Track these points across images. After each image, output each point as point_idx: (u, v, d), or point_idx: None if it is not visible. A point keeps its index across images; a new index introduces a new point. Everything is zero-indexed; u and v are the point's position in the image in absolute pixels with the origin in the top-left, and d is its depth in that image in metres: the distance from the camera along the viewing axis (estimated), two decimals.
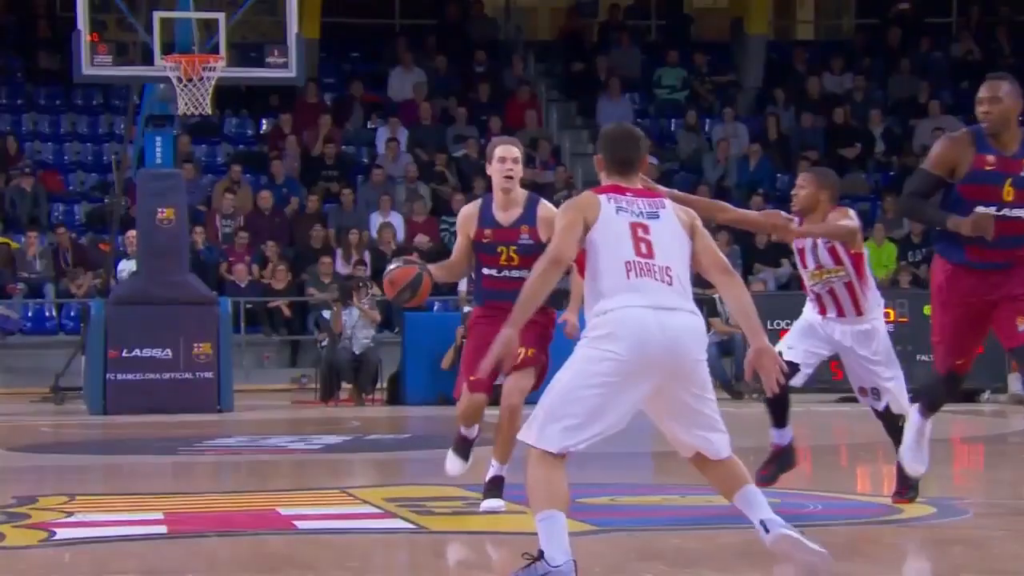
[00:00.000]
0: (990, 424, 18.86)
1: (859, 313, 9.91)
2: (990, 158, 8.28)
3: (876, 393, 10.07)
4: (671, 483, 11.70)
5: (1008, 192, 8.22)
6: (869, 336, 9.93)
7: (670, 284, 7.18)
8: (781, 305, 21.92)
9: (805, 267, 10.12)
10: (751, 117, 28.29)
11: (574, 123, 29.47)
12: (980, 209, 8.31)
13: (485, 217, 9.78)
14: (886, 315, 11.57)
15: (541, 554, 6.86)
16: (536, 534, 6.90)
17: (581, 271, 7.40)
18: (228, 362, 20.94)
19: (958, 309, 8.75)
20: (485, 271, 9.85)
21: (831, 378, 21.29)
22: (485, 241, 9.84)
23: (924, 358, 21.12)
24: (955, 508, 10.51)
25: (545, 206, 9.80)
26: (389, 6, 31.24)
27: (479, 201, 10.08)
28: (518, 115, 28.08)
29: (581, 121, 29.16)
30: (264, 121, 28.77)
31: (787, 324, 21.12)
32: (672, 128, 28.22)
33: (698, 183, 25.96)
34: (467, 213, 9.98)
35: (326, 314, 22.79)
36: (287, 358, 25.16)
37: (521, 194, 9.83)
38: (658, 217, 7.32)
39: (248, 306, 24.22)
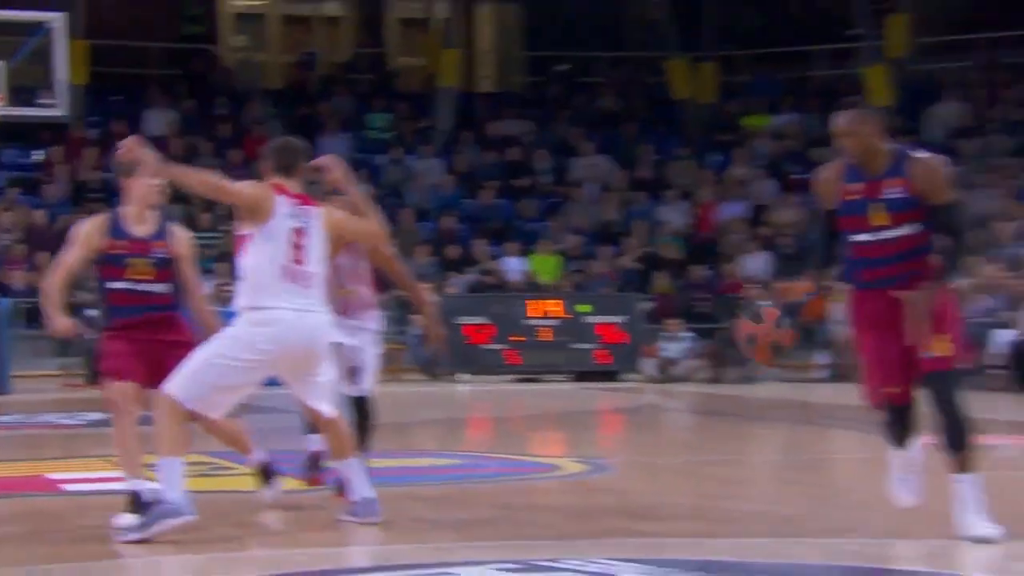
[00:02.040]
0: (628, 398, 19.24)
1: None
2: (855, 187, 6.98)
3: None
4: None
5: (875, 216, 6.92)
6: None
7: (310, 288, 7.37)
8: (469, 304, 22.32)
9: None
10: (444, 153, 28.45)
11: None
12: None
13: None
14: None
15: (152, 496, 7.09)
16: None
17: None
18: (6, 352, 20.60)
19: (871, 333, 7.07)
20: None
21: (504, 362, 21.89)
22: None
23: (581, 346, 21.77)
24: (603, 465, 10.80)
25: None
26: (146, 57, 30.87)
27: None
28: (253, 150, 27.87)
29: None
30: (39, 152, 28.35)
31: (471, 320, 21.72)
32: (379, 162, 28.24)
33: (402, 207, 26.12)
34: None
35: (91, 312, 22.42)
36: (59, 349, 24.67)
37: None
38: (311, 225, 7.43)
39: (27, 305, 23.75)
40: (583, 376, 21.66)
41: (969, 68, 28.75)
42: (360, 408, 8.31)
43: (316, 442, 8.22)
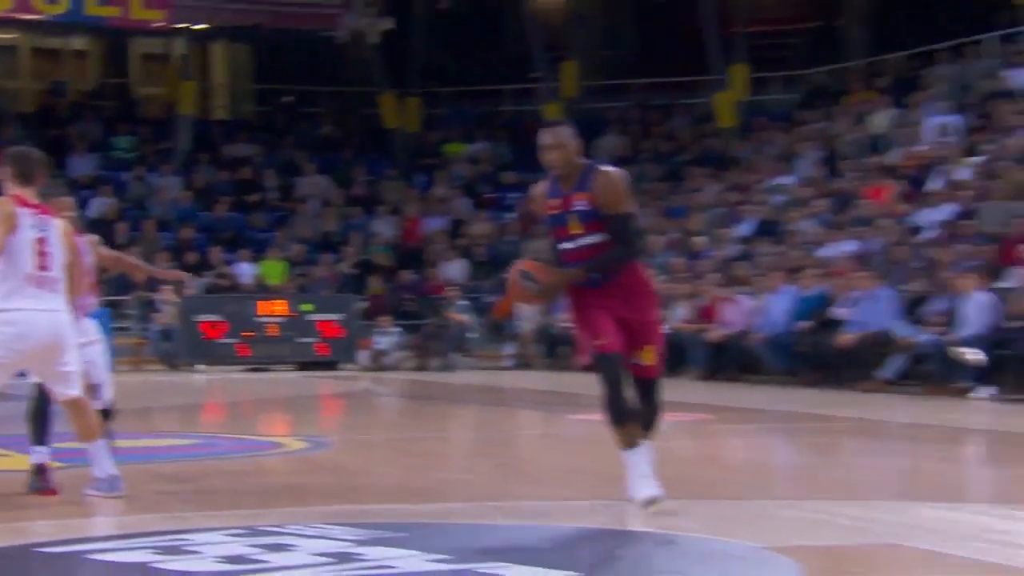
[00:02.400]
0: (345, 385, 19.20)
1: None
2: (554, 203, 6.77)
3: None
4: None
5: (574, 226, 6.70)
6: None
7: (55, 292, 7.22)
8: (205, 303, 22.00)
9: None
10: (182, 172, 27.91)
11: (52, 174, 28.35)
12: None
13: None
14: None
15: None
16: None
17: None
18: None
19: (585, 299, 6.75)
20: None
21: (236, 355, 21.65)
22: None
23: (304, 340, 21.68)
24: (322, 443, 10.74)
25: None
26: None
27: None
28: None
29: (56, 172, 28.13)
30: None
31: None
32: (124, 179, 27.55)
33: (145, 218, 25.58)
34: None
35: None
36: None
37: None
38: (50, 233, 7.27)
39: None
40: (306, 366, 21.56)
41: (627, 107, 29.59)
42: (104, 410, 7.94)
43: (42, 455, 7.52)
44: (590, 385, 7.26)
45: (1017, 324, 15.07)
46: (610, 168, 6.95)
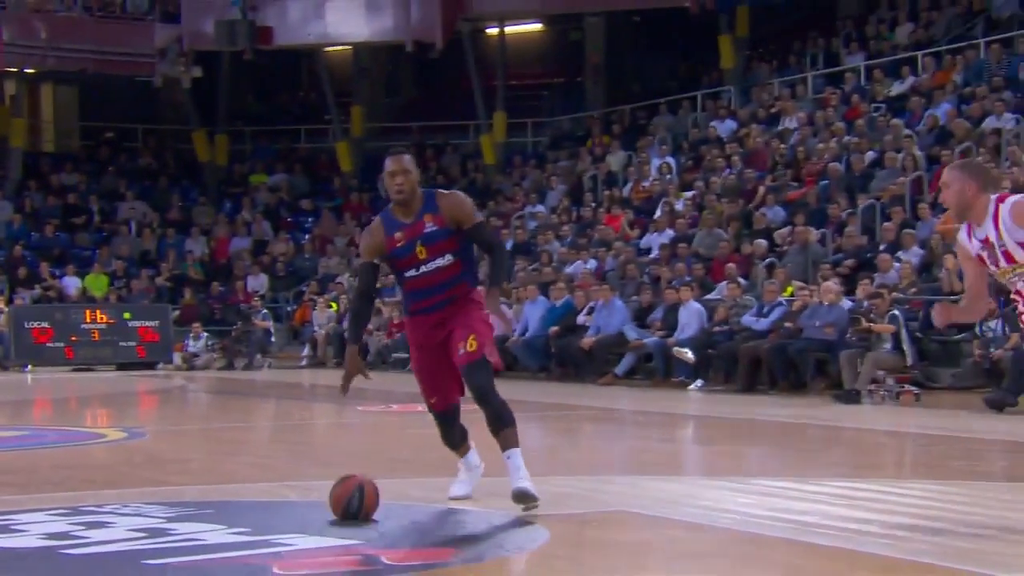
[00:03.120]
0: (161, 383, 18.65)
1: None
2: (397, 235, 6.07)
3: None
4: None
5: (420, 252, 6.04)
6: None
7: None
8: (35, 312, 21.14)
9: None
10: (14, 198, 26.76)
11: None
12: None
13: None
14: None
15: None
16: None
17: None
18: None
19: (421, 352, 6.20)
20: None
21: (64, 357, 20.83)
22: None
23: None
24: (140, 433, 10.42)
25: None
26: None
27: None
28: None
29: None
30: None
31: None
32: None
33: None
34: None
35: None
36: None
37: None
38: None
39: None
40: (125, 367, 20.85)
41: (406, 146, 29.42)
42: None
43: None
44: (375, 380, 7.19)
45: (721, 329, 15.56)
46: (448, 191, 6.38)
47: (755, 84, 24.39)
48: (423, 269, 6.11)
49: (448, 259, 6.12)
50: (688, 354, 15.26)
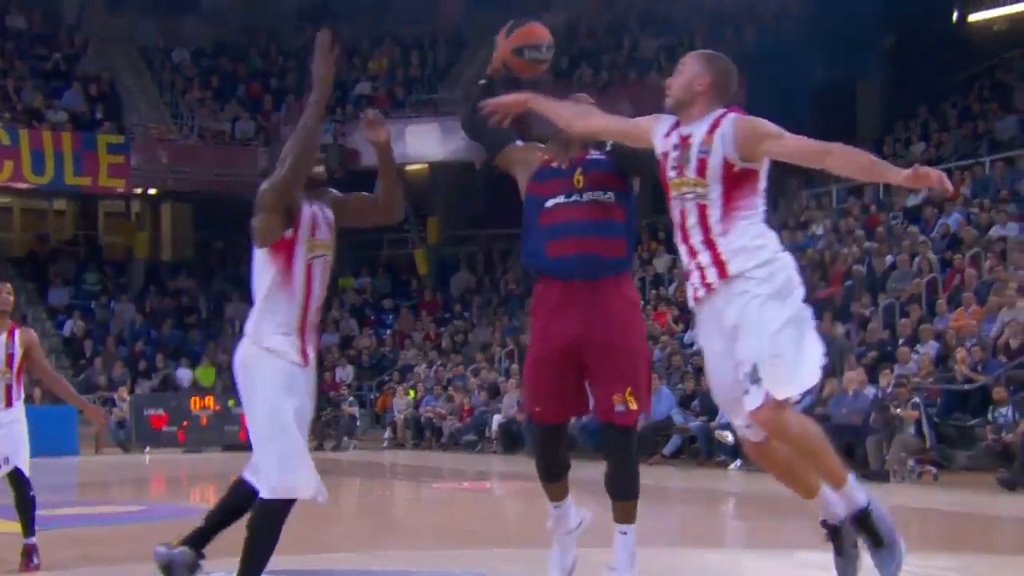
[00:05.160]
0: None
1: None
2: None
3: None
4: None
5: (578, 180, 4.58)
6: None
7: None
8: (152, 399, 21.38)
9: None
10: (137, 300, 27.29)
11: (35, 302, 27.82)
12: None
13: None
14: None
15: None
16: None
17: None
18: None
19: (543, 346, 4.51)
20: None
21: (177, 440, 21.07)
22: None
23: None
24: None
25: None
26: None
27: None
28: None
29: (38, 301, 27.51)
30: None
31: None
32: (92, 306, 26.65)
33: (107, 336, 24.97)
34: None
35: None
36: None
37: None
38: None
39: None
40: (230, 448, 20.94)
41: (475, 251, 29.84)
42: (18, 482, 6.43)
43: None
44: (449, 460, 7.18)
45: None
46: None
47: (785, 196, 24.39)
48: (575, 198, 4.48)
49: (609, 196, 4.56)
50: (729, 437, 15.10)
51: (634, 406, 4.44)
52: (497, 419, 19.04)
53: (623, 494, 4.60)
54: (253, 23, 29.73)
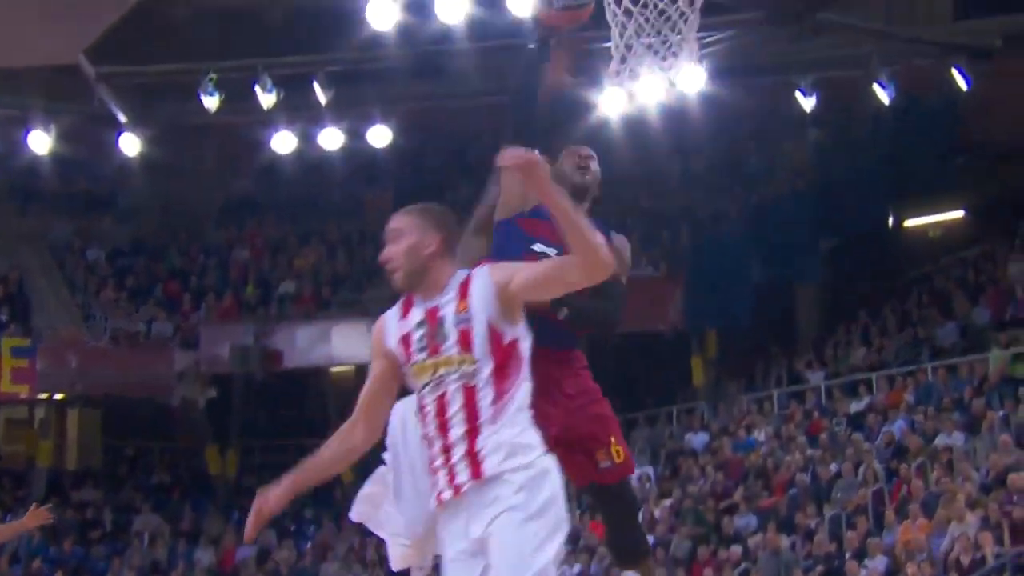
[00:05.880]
0: None
1: None
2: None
3: None
4: None
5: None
6: None
7: None
8: None
9: None
10: None
11: None
12: None
13: None
14: None
15: None
16: None
17: None
18: None
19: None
20: None
21: None
22: None
23: None
24: None
25: None
26: None
27: None
28: None
29: None
30: None
31: None
32: None
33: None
34: None
35: None
36: None
37: None
38: None
39: None
40: None
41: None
42: None
43: None
44: None
45: None
46: None
47: (724, 400, 24.31)
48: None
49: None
50: None
51: (620, 459, 4.17)
52: None
53: (627, 558, 4.23)
54: (172, 220, 29.69)
